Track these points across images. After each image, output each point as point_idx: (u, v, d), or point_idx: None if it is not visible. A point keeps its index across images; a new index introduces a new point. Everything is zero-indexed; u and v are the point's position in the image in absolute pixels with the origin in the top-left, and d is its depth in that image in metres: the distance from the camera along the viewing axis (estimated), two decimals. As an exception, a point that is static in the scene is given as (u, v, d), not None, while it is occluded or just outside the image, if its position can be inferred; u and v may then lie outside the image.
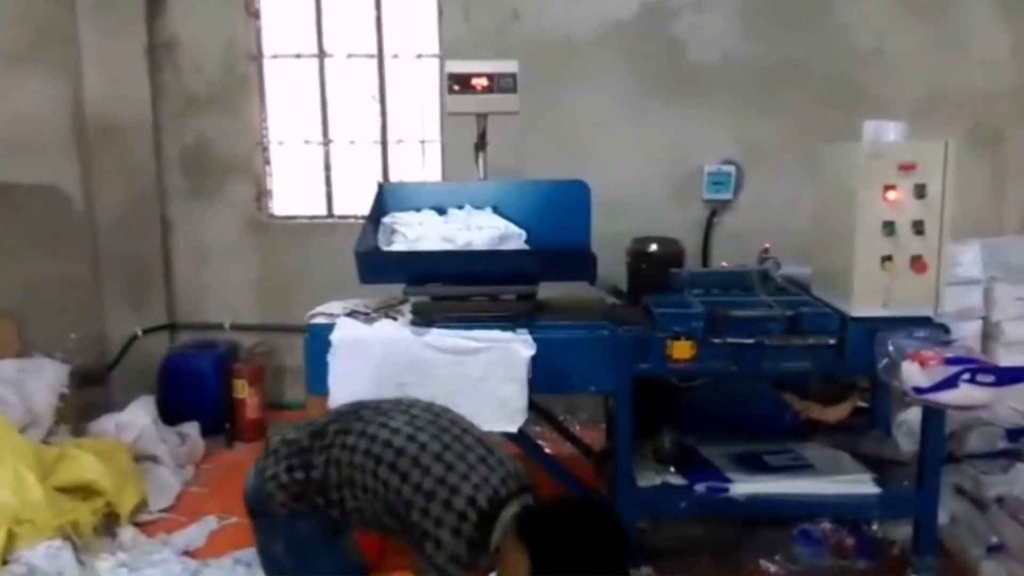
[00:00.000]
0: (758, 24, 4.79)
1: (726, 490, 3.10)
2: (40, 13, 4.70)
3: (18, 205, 4.64)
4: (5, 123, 4.56)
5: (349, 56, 5.13)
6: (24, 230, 4.67)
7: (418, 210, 3.43)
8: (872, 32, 4.72)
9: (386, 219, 3.38)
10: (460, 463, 1.97)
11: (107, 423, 4.35)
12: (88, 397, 4.68)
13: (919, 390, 2.59)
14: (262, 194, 5.30)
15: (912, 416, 3.69)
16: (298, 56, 5.16)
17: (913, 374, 2.61)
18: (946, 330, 2.92)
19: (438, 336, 3.05)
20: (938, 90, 4.68)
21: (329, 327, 3.12)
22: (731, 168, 4.86)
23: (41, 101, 4.74)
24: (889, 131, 2.98)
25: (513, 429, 3.05)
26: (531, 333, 3.03)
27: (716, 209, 4.92)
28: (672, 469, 3.22)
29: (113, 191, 5.02)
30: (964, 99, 4.69)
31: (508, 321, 3.08)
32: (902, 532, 3.30)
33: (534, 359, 3.00)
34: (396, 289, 3.30)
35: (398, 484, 1.94)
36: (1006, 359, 3.93)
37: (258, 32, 5.15)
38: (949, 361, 2.57)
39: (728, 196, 4.88)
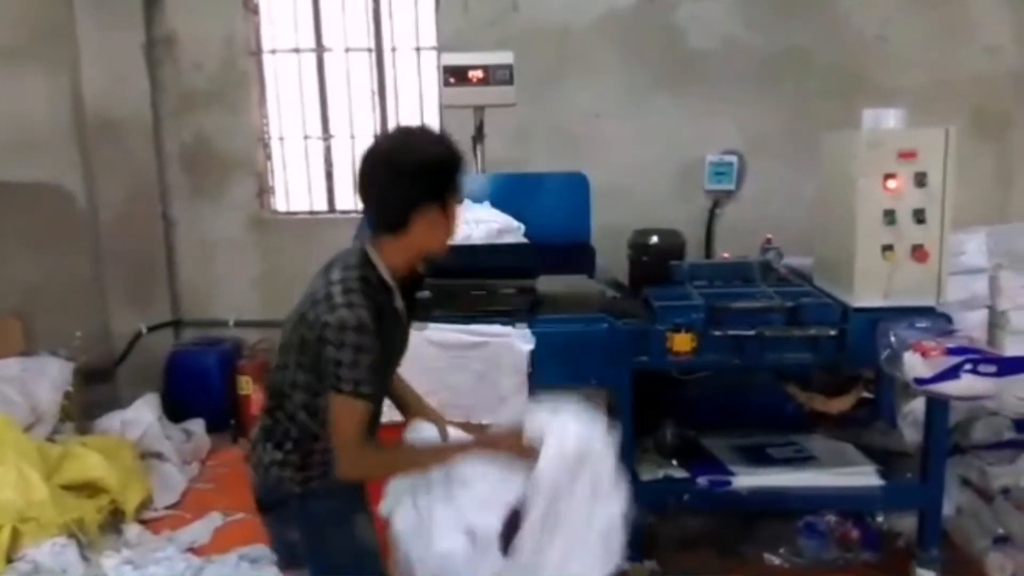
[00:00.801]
0: (759, 11, 4.73)
1: (729, 483, 3.09)
2: (37, 10, 4.69)
3: (20, 203, 4.64)
4: (5, 121, 4.55)
5: (347, 50, 5.12)
6: (26, 228, 4.67)
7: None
8: (875, 19, 4.66)
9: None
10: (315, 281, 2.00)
11: (112, 420, 4.38)
12: (93, 394, 4.69)
13: (920, 381, 2.57)
14: (264, 190, 5.29)
15: (918, 407, 3.66)
16: (296, 51, 5.15)
17: (915, 365, 2.58)
18: (948, 320, 2.90)
19: (437, 332, 3.03)
20: (942, 77, 4.62)
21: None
22: (733, 158, 4.82)
23: (40, 99, 4.74)
24: (889, 119, 2.95)
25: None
26: (530, 327, 3.02)
27: (718, 200, 4.88)
28: (674, 462, 3.20)
29: (114, 188, 5.02)
30: (969, 86, 4.62)
31: (507, 315, 3.06)
32: (907, 524, 3.28)
33: (533, 353, 2.99)
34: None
35: (296, 344, 1.95)
36: (1012, 348, 3.89)
37: (256, 27, 5.14)
38: (951, 351, 2.54)
39: (730, 186, 4.84)
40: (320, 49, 5.15)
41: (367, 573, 2.08)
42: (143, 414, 4.36)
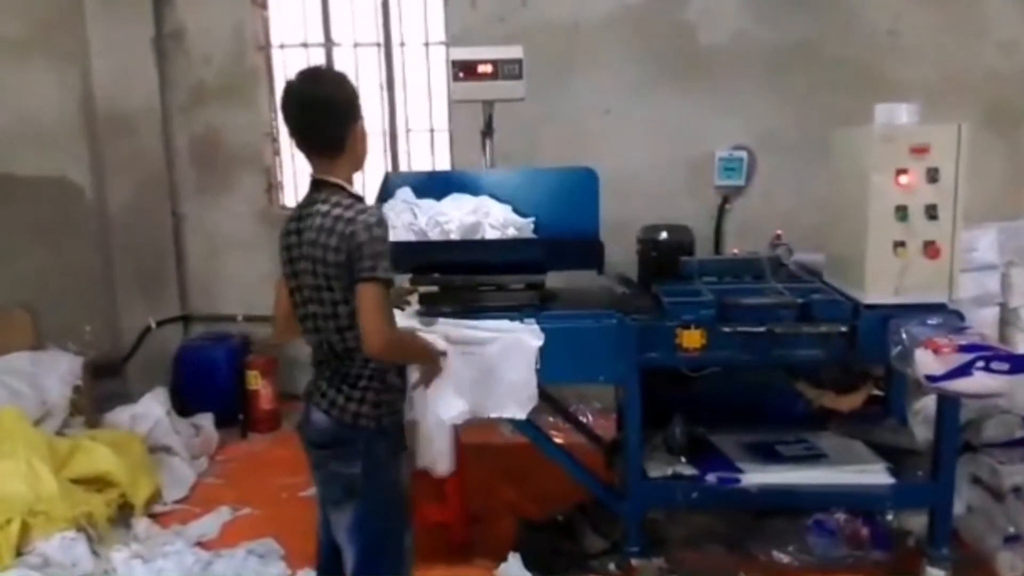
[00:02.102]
0: (769, 6, 4.71)
1: (738, 481, 3.07)
2: (47, 4, 4.70)
3: (29, 197, 4.66)
4: (14, 115, 4.57)
5: (356, 45, 5.12)
6: (36, 222, 4.69)
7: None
8: (886, 13, 4.63)
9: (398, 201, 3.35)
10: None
11: (121, 415, 4.39)
12: (103, 388, 4.73)
13: (932, 378, 2.54)
14: (272, 185, 5.30)
15: (929, 404, 3.63)
16: (305, 45, 5.16)
17: (926, 362, 2.55)
18: (960, 317, 2.87)
19: (446, 326, 3.02)
20: (954, 72, 4.58)
21: (336, 318, 3.10)
22: (743, 153, 4.79)
23: (49, 92, 4.75)
24: (901, 114, 2.91)
25: (522, 416, 3.03)
26: (539, 323, 3.00)
27: (728, 195, 4.86)
28: (683, 459, 3.18)
29: (124, 182, 5.04)
30: (982, 82, 4.59)
31: (516, 311, 3.05)
32: (918, 522, 3.26)
33: (542, 349, 2.98)
34: (405, 278, 3.28)
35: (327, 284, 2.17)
36: (1024, 345, 3.87)
37: (265, 22, 5.16)
38: (962, 348, 2.51)
39: (740, 182, 4.82)
40: (329, 44, 5.16)
41: (404, 507, 2.33)
42: (152, 408, 4.37)
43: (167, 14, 5.03)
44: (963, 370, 2.50)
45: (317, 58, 5.15)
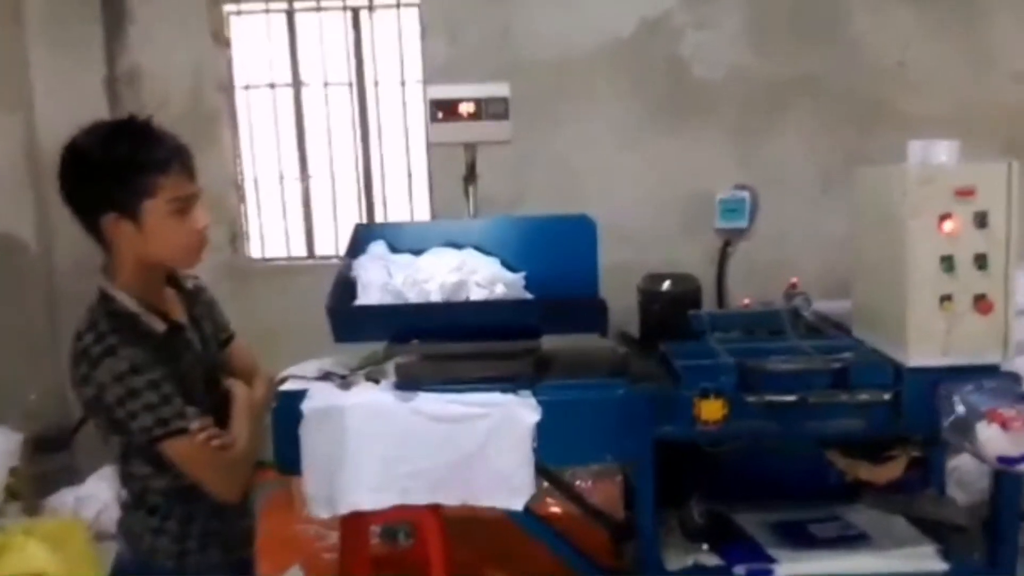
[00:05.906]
0: (768, 38, 4.48)
1: (771, 572, 2.66)
2: (-16, 45, 4.38)
3: (-34, 254, 4.28)
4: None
5: (327, 84, 4.82)
6: (-28, 281, 4.31)
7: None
8: (893, 44, 4.41)
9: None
10: None
11: (66, 497, 4.00)
12: (48, 464, 4.31)
13: (1007, 460, 2.18)
14: (237, 236, 4.93)
15: (964, 463, 3.32)
16: (272, 86, 4.86)
17: (994, 438, 2.19)
18: (1017, 379, 2.51)
19: (427, 401, 2.63)
20: (967, 104, 4.33)
21: (299, 395, 2.70)
22: (745, 194, 4.45)
23: (-10, 139, 4.41)
24: (940, 152, 2.59)
25: (518, 507, 2.63)
26: (535, 395, 2.62)
27: (730, 239, 4.52)
28: (705, 546, 2.79)
29: (71, 236, 4.55)
30: (995, 113, 4.35)
31: (508, 381, 2.66)
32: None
33: (539, 425, 2.59)
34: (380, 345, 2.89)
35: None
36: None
37: (228, 61, 4.84)
38: (1037, 423, 2.16)
39: (743, 224, 4.46)
40: (297, 84, 4.86)
41: None
42: (99, 490, 3.96)
43: (120, 54, 4.70)
44: (1041, 450, 2.14)
45: (285, 99, 4.83)
